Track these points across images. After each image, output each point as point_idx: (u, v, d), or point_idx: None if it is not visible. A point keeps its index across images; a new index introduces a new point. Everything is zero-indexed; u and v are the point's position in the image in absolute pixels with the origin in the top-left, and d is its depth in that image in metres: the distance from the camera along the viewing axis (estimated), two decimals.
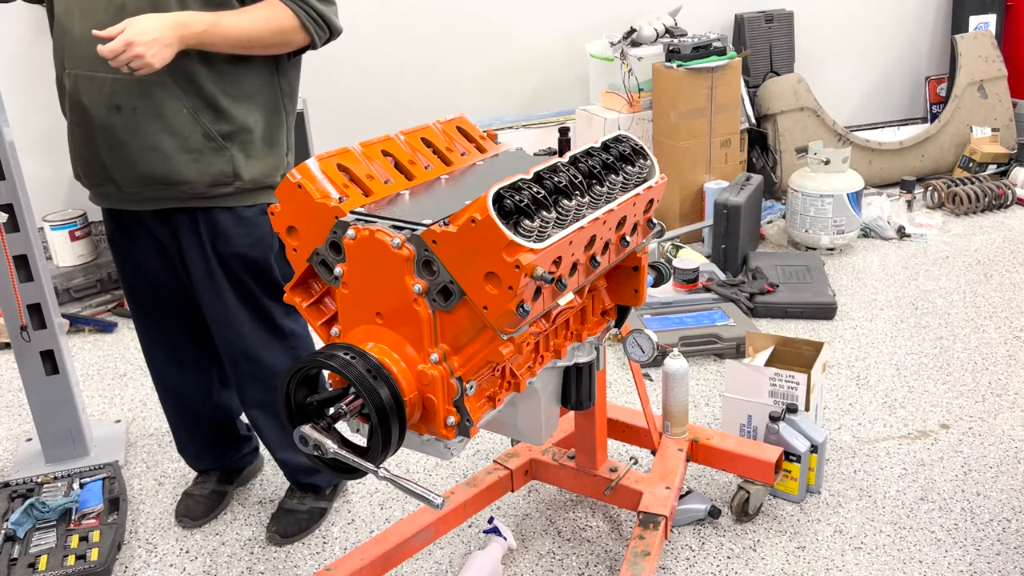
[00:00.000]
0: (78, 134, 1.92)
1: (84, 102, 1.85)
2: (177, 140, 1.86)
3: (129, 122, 1.84)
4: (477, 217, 1.28)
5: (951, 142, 4.84)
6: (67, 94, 1.89)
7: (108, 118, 1.84)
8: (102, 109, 1.84)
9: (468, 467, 2.55)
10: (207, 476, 2.42)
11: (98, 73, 1.81)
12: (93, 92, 1.84)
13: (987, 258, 3.89)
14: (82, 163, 1.97)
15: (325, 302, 1.55)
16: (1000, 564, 2.07)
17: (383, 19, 4.22)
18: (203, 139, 1.88)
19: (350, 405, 1.36)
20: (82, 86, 1.84)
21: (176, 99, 1.84)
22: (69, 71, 1.85)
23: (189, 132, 1.86)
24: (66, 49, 1.85)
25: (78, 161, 1.98)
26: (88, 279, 3.83)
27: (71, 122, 1.93)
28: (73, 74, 1.85)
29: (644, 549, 1.88)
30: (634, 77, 4.17)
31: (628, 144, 1.64)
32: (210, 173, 1.90)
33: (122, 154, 1.88)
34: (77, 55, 1.83)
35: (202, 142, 1.88)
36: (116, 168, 1.90)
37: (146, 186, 1.91)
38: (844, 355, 3.09)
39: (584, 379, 1.80)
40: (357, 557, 1.90)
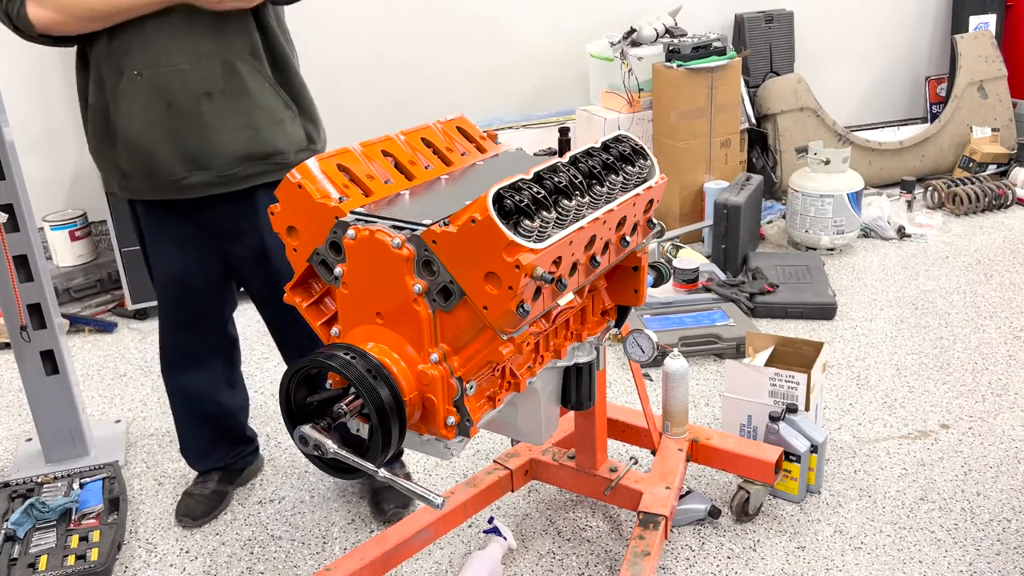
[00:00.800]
0: (155, 132, 1.91)
1: (169, 98, 1.88)
2: (265, 113, 1.96)
3: (220, 106, 1.91)
4: (477, 217, 1.28)
5: (951, 142, 4.84)
6: (136, 95, 1.89)
7: (199, 106, 1.89)
8: (192, 100, 1.89)
9: (468, 467, 2.55)
10: (208, 476, 2.42)
11: (183, 66, 1.87)
12: (180, 86, 1.88)
13: (987, 258, 3.89)
14: (156, 162, 1.95)
15: (325, 302, 1.55)
16: (1000, 564, 2.07)
17: (383, 19, 4.22)
18: (284, 109, 2.00)
19: (350, 405, 1.36)
20: (164, 82, 1.87)
21: (257, 74, 1.94)
22: (141, 71, 1.87)
23: (273, 104, 1.97)
24: (137, 49, 1.86)
25: (147, 162, 1.96)
26: (88, 279, 3.83)
27: (144, 122, 1.91)
28: (150, 72, 1.87)
29: (644, 549, 1.88)
30: (634, 77, 4.17)
31: (628, 144, 1.64)
32: (294, 140, 2.02)
33: (217, 139, 1.93)
34: (153, 52, 1.86)
35: (284, 111, 2.00)
36: (211, 154, 1.94)
37: (243, 164, 1.96)
38: (844, 355, 3.09)
39: (584, 379, 1.80)
40: (357, 557, 1.90)
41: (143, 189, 2.02)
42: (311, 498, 2.44)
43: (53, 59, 3.74)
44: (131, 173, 1.99)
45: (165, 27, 1.86)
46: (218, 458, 2.42)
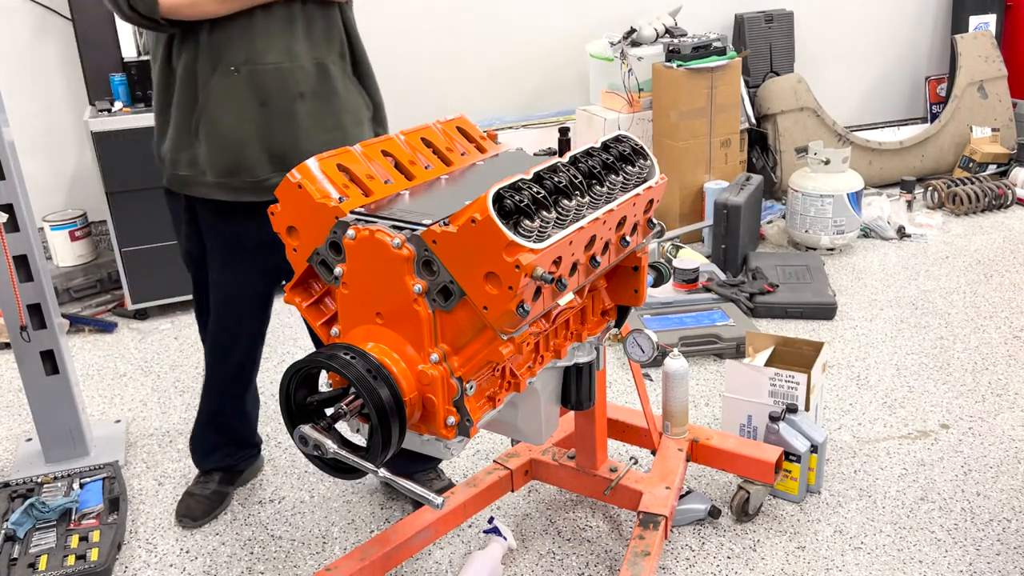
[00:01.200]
0: (246, 129, 1.90)
1: (264, 96, 1.88)
2: (351, 115, 1.98)
3: (313, 107, 1.92)
4: (477, 217, 1.28)
5: (951, 142, 4.84)
6: (231, 91, 1.88)
7: (293, 106, 1.90)
8: (287, 99, 1.89)
9: (468, 467, 2.55)
10: (209, 476, 2.41)
11: (283, 64, 1.87)
12: (276, 84, 1.88)
13: (987, 258, 3.89)
14: (242, 161, 1.94)
15: (325, 302, 1.55)
16: (1000, 564, 2.07)
17: (383, 19, 4.22)
18: (366, 110, 2.03)
19: (350, 405, 1.36)
20: (261, 80, 1.87)
21: (344, 75, 1.97)
22: (239, 67, 1.86)
23: (357, 105, 2.00)
24: (236, 45, 1.86)
25: (232, 161, 1.94)
26: (88, 279, 3.83)
27: (236, 119, 1.90)
28: (248, 69, 1.86)
29: (644, 549, 1.88)
30: (634, 77, 4.17)
31: (628, 144, 1.64)
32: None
33: (307, 140, 1.93)
34: (253, 48, 1.86)
35: (365, 113, 2.03)
36: (297, 156, 1.89)
37: None
38: (844, 355, 3.09)
39: (584, 379, 1.80)
40: (357, 557, 1.90)
41: (218, 189, 1.98)
42: (311, 498, 2.44)
43: (53, 59, 3.74)
44: (211, 171, 1.96)
45: (263, 24, 1.87)
46: (221, 458, 2.41)
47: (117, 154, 3.38)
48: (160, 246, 3.54)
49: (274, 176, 1.95)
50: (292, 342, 3.36)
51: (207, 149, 1.93)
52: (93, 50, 3.59)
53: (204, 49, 1.87)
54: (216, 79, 1.87)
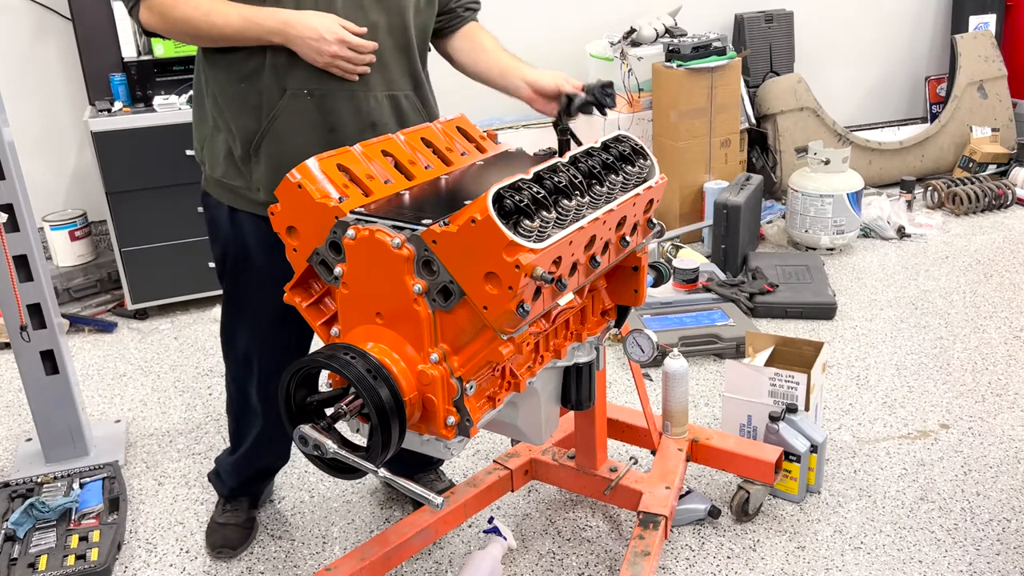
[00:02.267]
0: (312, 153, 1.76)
1: (335, 122, 1.81)
2: None
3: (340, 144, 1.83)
4: (477, 217, 1.28)
5: (951, 142, 4.84)
6: (301, 114, 1.79)
7: (362, 135, 1.80)
8: (357, 128, 1.82)
9: (468, 467, 2.55)
10: (238, 503, 2.30)
11: (358, 92, 1.80)
12: (346, 112, 1.81)
13: (987, 258, 3.89)
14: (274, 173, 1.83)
15: (325, 302, 1.56)
16: (1000, 564, 2.07)
17: None
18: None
19: (350, 405, 1.36)
20: (334, 105, 1.81)
21: (417, 111, 1.91)
22: (312, 91, 1.78)
23: None
24: (307, 68, 1.76)
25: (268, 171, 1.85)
26: (88, 279, 3.83)
27: (303, 142, 1.80)
28: (320, 93, 1.78)
29: (644, 549, 1.88)
30: (634, 77, 4.17)
31: (628, 144, 1.64)
32: None
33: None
34: (328, 74, 1.77)
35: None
36: None
37: None
38: (844, 355, 3.09)
39: (584, 379, 1.80)
40: (357, 557, 1.90)
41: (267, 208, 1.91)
42: (311, 498, 2.44)
43: (53, 59, 3.74)
44: (265, 191, 1.85)
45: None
46: (253, 484, 2.32)
47: (117, 154, 3.38)
48: (160, 246, 3.54)
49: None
50: None
51: (267, 169, 1.84)
52: (93, 50, 3.59)
53: (269, 67, 1.78)
54: (286, 101, 1.79)
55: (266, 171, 1.85)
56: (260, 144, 1.82)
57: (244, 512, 2.29)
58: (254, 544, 2.27)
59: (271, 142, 1.82)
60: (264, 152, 1.83)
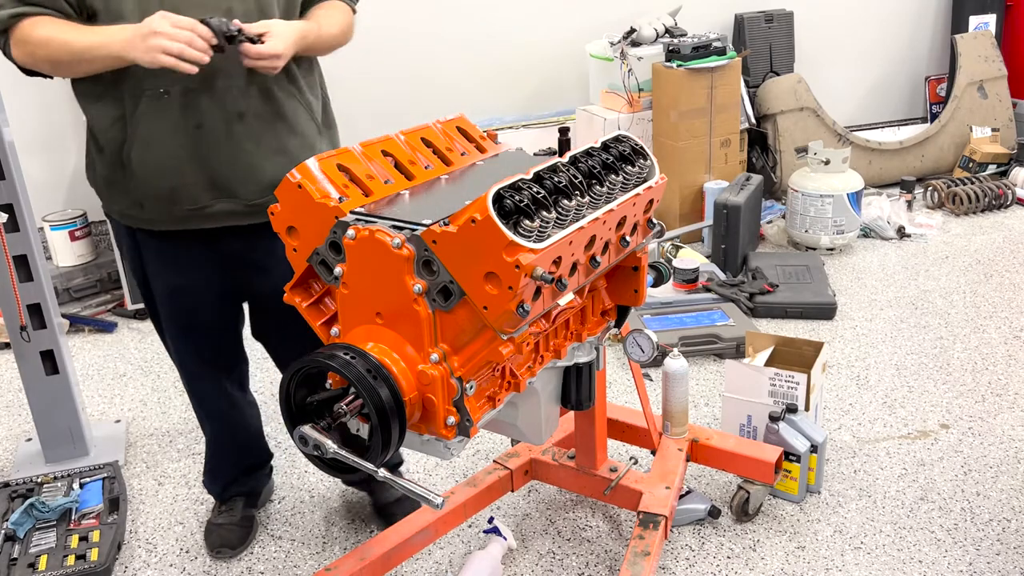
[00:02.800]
0: (182, 155, 1.78)
1: (197, 119, 1.76)
2: (300, 138, 1.87)
3: (253, 128, 1.80)
4: (477, 217, 1.28)
5: (951, 142, 4.83)
6: (162, 116, 1.75)
7: (230, 128, 1.78)
8: (222, 121, 1.77)
9: (468, 467, 2.55)
10: (232, 503, 2.30)
11: (218, 84, 1.74)
12: (210, 104, 1.75)
13: (987, 258, 3.89)
14: (180, 188, 1.81)
15: (325, 302, 1.55)
16: (1000, 564, 2.07)
17: (383, 19, 4.22)
18: (316, 133, 1.91)
19: (350, 405, 1.36)
20: (195, 101, 1.75)
21: (292, 96, 1.85)
22: (169, 89, 1.72)
23: (306, 128, 1.88)
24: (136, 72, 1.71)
25: (169, 189, 1.81)
26: (88, 279, 3.83)
27: (170, 145, 1.77)
28: (180, 90, 1.73)
29: (644, 549, 1.88)
30: (634, 77, 4.17)
31: (628, 144, 1.64)
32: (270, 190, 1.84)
33: (248, 164, 1.82)
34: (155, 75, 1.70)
35: (316, 136, 1.91)
36: (238, 181, 1.82)
37: (272, 192, 1.80)
38: (844, 355, 3.09)
39: (584, 379, 1.80)
40: (357, 557, 1.90)
41: (159, 219, 1.87)
42: (311, 498, 2.44)
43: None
44: (147, 202, 1.84)
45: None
46: (243, 482, 2.32)
47: None
48: None
49: (215, 203, 1.84)
50: None
51: (140, 180, 1.80)
52: None
53: (129, 77, 1.72)
54: (145, 105, 1.73)
55: (140, 183, 1.81)
56: (129, 154, 1.78)
57: (239, 512, 2.28)
58: (254, 544, 2.27)
59: (139, 149, 1.77)
60: (135, 160, 1.78)
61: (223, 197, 1.84)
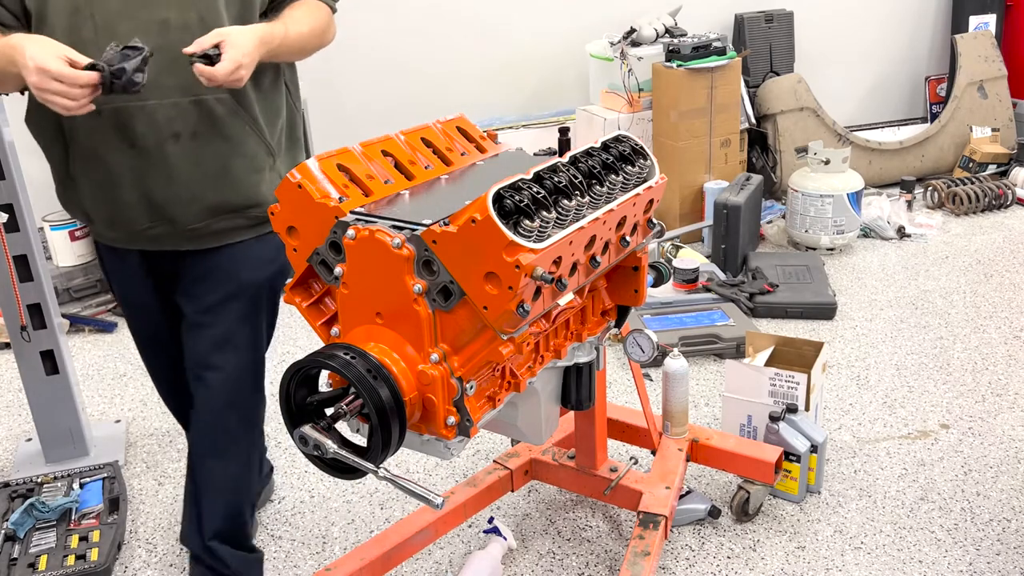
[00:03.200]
0: (116, 175, 1.69)
1: (131, 138, 1.65)
2: (245, 160, 1.73)
3: (191, 149, 1.68)
4: (477, 217, 1.28)
5: (951, 142, 4.83)
6: (95, 134, 1.65)
7: (166, 149, 1.66)
8: (156, 140, 1.65)
9: (468, 467, 2.55)
10: None
11: (150, 101, 1.62)
12: (143, 124, 1.64)
13: (987, 258, 3.89)
14: (119, 208, 1.72)
15: (325, 302, 1.55)
16: (1000, 564, 2.07)
17: (383, 19, 4.22)
18: (266, 155, 1.77)
19: (350, 405, 1.36)
20: (127, 120, 1.63)
21: (237, 116, 1.71)
22: (100, 106, 1.59)
23: (254, 150, 1.74)
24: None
25: (110, 207, 1.73)
26: (88, 279, 3.83)
27: (106, 164, 1.68)
28: (112, 108, 1.61)
29: (644, 549, 1.88)
30: (634, 77, 4.17)
31: (628, 144, 1.64)
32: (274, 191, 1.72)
33: (185, 186, 1.70)
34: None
35: (265, 159, 1.77)
36: (176, 204, 1.71)
37: (213, 217, 1.74)
38: (844, 355, 3.09)
39: (584, 379, 1.80)
40: (357, 557, 1.90)
41: (105, 234, 1.82)
42: (311, 498, 2.44)
43: None
44: (95, 217, 1.77)
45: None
46: None
47: None
48: None
49: (155, 226, 1.73)
50: (292, 342, 3.36)
51: (88, 193, 1.73)
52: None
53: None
54: (80, 119, 1.61)
55: (89, 195, 1.73)
56: (74, 168, 1.71)
57: None
58: None
59: (80, 162, 1.70)
60: (78, 174, 1.71)
61: (162, 221, 1.73)
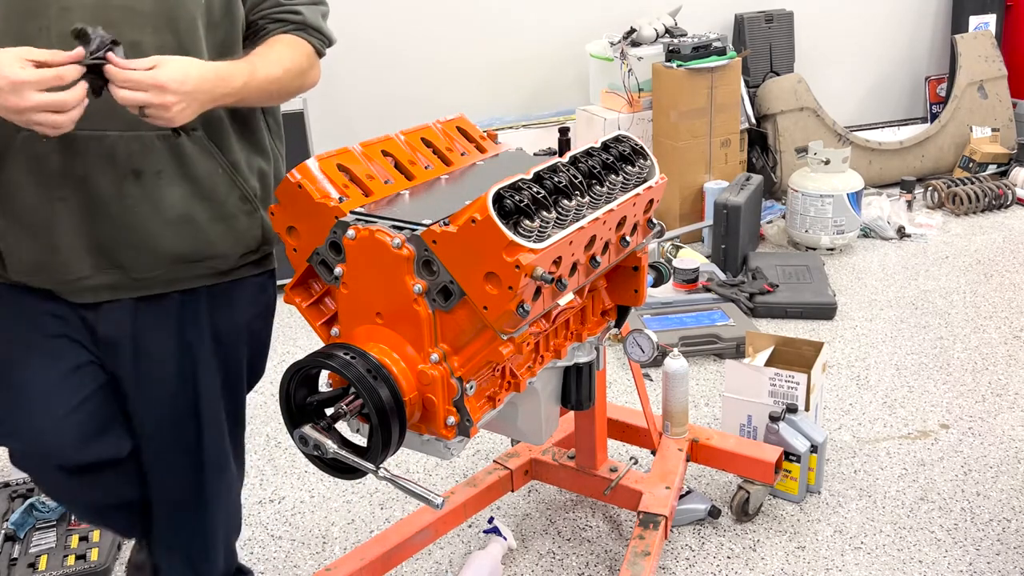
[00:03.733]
0: (56, 211, 1.43)
1: (82, 171, 1.41)
2: (211, 205, 1.51)
3: (152, 190, 1.45)
4: (477, 217, 1.28)
5: (951, 142, 4.83)
6: (40, 160, 1.40)
7: (122, 188, 1.43)
8: (113, 177, 1.42)
9: (468, 467, 2.55)
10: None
11: (109, 132, 1.40)
12: (98, 157, 1.41)
13: (987, 258, 3.89)
14: (61, 253, 1.45)
15: (325, 302, 1.55)
16: (1000, 564, 2.07)
17: (383, 19, 4.22)
18: (239, 201, 1.55)
19: (350, 405, 1.36)
20: (80, 150, 1.39)
21: (211, 157, 1.50)
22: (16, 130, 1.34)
23: (225, 195, 1.53)
24: None
25: (45, 245, 1.45)
26: None
27: (45, 196, 1.42)
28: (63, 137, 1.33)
29: (644, 549, 1.88)
30: (634, 77, 4.17)
31: (628, 144, 1.64)
32: (244, 241, 1.58)
33: (140, 231, 1.47)
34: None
35: (238, 205, 1.55)
36: (128, 250, 1.47)
37: (171, 266, 1.52)
38: (844, 355, 3.09)
39: (584, 379, 1.80)
40: (357, 557, 1.90)
41: (24, 273, 1.49)
42: (311, 498, 2.44)
43: None
44: (12, 263, 1.48)
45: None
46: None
47: None
48: None
49: (95, 276, 1.48)
50: (292, 342, 3.36)
51: (8, 226, 1.46)
52: None
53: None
54: (19, 144, 1.39)
55: (10, 238, 1.46)
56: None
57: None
58: (254, 544, 2.27)
59: (6, 199, 1.43)
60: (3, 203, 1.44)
61: (106, 268, 1.48)
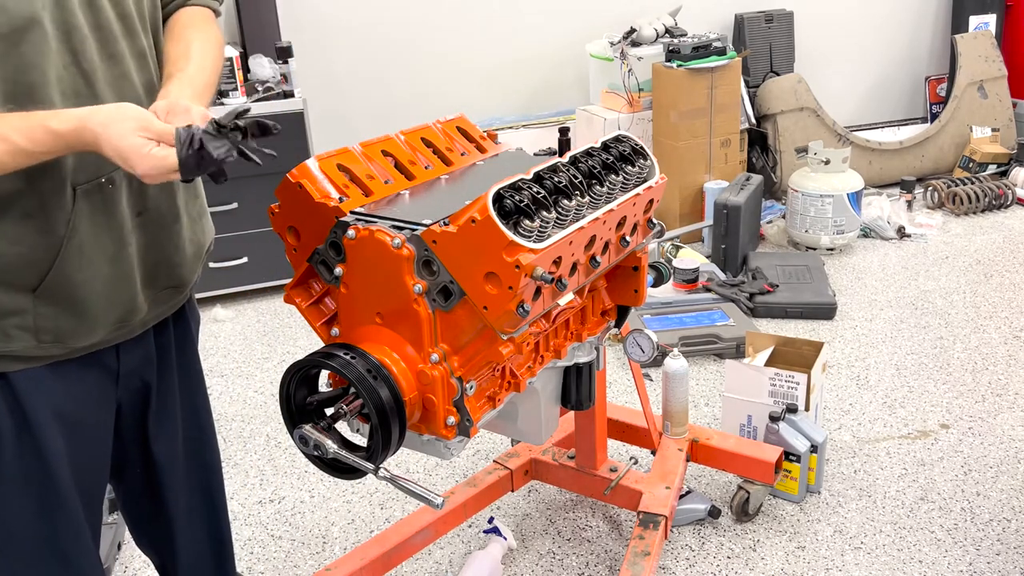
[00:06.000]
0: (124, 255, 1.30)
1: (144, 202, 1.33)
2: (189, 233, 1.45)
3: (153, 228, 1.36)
4: (477, 217, 1.28)
5: (951, 142, 4.84)
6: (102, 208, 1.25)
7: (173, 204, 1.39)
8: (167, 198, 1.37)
9: (468, 467, 2.55)
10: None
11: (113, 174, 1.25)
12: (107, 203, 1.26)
13: (987, 258, 3.89)
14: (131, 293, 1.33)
15: (325, 302, 1.55)
16: (1000, 564, 2.07)
17: (383, 19, 4.22)
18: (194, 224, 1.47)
19: (350, 405, 1.36)
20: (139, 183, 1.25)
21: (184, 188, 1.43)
22: (111, 174, 1.24)
23: (193, 221, 1.46)
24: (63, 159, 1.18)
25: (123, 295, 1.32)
26: None
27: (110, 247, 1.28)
28: (122, 172, 1.25)
29: (644, 549, 1.88)
30: (634, 77, 4.17)
31: (628, 144, 1.64)
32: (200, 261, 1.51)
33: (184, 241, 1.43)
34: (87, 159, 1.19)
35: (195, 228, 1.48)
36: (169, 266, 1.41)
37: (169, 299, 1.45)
38: (844, 355, 3.09)
39: (584, 379, 1.80)
40: (357, 557, 1.90)
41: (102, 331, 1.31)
42: (311, 498, 2.44)
43: None
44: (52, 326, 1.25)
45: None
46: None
47: None
48: None
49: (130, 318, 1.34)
50: (292, 342, 3.36)
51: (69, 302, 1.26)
52: None
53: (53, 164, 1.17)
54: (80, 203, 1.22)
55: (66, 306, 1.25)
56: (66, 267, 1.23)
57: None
58: (254, 544, 2.27)
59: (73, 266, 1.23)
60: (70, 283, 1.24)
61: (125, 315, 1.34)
